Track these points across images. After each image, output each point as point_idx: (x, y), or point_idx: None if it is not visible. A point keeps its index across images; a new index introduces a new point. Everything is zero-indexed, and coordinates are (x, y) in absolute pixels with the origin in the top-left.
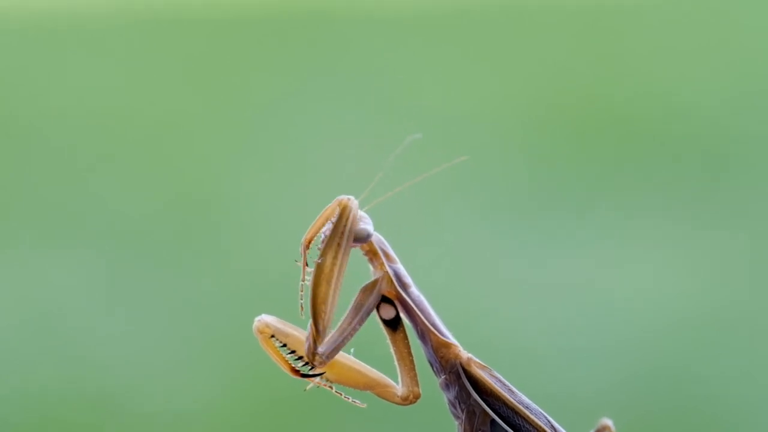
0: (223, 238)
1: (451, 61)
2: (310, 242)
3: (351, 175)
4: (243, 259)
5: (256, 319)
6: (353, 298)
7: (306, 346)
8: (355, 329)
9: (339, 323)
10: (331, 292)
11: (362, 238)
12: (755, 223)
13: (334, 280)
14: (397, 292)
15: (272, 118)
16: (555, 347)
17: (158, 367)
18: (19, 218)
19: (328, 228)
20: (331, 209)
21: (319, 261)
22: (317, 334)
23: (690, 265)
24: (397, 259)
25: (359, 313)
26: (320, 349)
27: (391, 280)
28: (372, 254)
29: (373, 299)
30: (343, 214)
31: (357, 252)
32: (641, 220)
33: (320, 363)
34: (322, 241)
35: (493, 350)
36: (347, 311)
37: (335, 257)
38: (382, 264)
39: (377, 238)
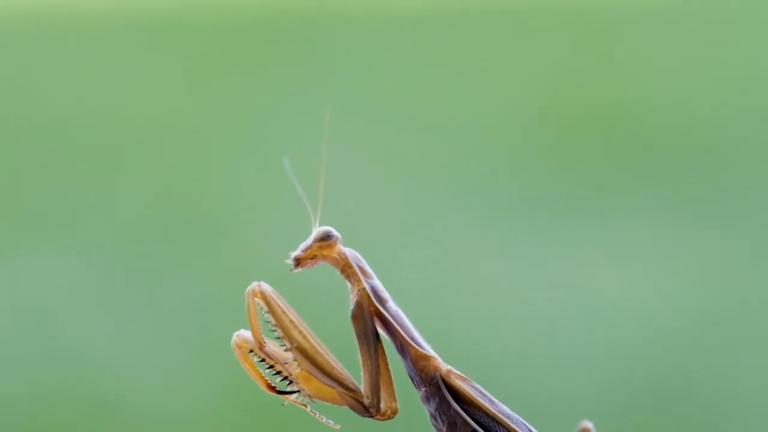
0: (222, 238)
1: (450, 62)
2: (262, 344)
3: (350, 175)
4: (242, 259)
5: (235, 334)
6: (353, 334)
7: (357, 410)
8: (377, 357)
9: (362, 366)
10: (326, 357)
11: (325, 238)
12: (754, 225)
13: (318, 347)
14: (375, 307)
15: (269, 120)
16: (551, 349)
17: (157, 367)
18: (16, 219)
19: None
20: (252, 306)
21: (294, 345)
22: (353, 392)
23: (688, 267)
24: (373, 275)
25: (368, 341)
26: (366, 401)
27: (369, 296)
28: (348, 270)
29: (368, 320)
30: (266, 299)
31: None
32: (639, 221)
33: (382, 413)
34: (277, 335)
35: (489, 352)
36: (359, 350)
37: (300, 331)
38: (359, 281)
39: (353, 254)
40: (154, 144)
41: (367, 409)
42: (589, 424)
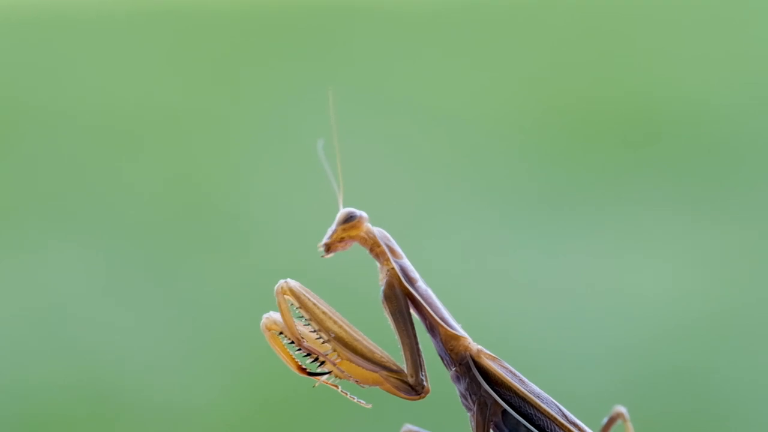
0: (231, 233)
1: (464, 55)
2: (300, 339)
3: (364, 169)
4: (251, 255)
5: (264, 316)
6: (387, 316)
7: (402, 391)
8: (415, 335)
9: (400, 346)
10: (365, 342)
11: (349, 219)
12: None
13: (355, 334)
14: (404, 287)
15: (284, 115)
16: (564, 342)
17: (165, 361)
18: (30, 212)
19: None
20: (283, 304)
21: (332, 336)
22: (397, 374)
23: (705, 261)
24: (402, 254)
25: (404, 319)
26: (411, 380)
27: (398, 276)
28: (377, 249)
29: (401, 299)
30: (295, 294)
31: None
32: (655, 215)
33: (425, 388)
34: (312, 329)
35: (503, 347)
36: (394, 330)
37: (335, 321)
38: (388, 260)
39: (381, 233)
40: (164, 138)
41: (414, 388)
42: (621, 409)
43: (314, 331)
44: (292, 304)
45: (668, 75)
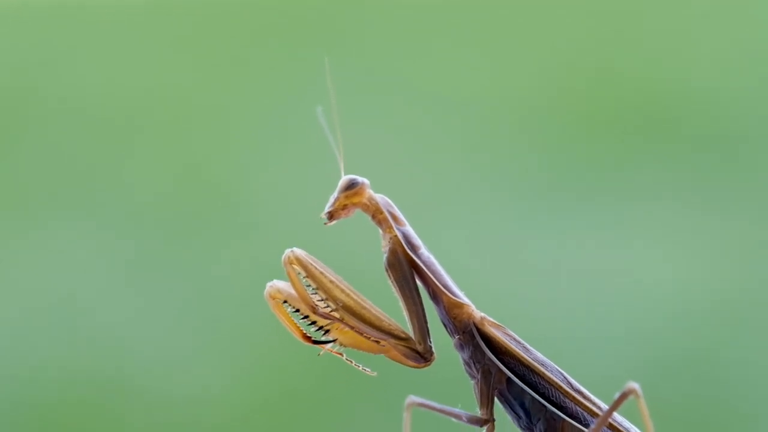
0: (243, 224)
1: (475, 45)
2: (314, 307)
3: (369, 161)
4: (262, 246)
5: (268, 284)
6: (391, 284)
7: (410, 359)
8: (420, 302)
9: (406, 314)
10: (373, 311)
11: (351, 186)
12: None
13: (363, 302)
14: (407, 254)
15: (294, 105)
16: (570, 330)
17: (176, 350)
18: (37, 203)
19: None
20: (292, 273)
21: (339, 306)
22: (405, 341)
23: (709, 251)
24: (405, 221)
25: (409, 286)
26: (419, 347)
27: (401, 243)
28: (379, 215)
29: (405, 266)
30: (302, 264)
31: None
32: (664, 207)
33: (432, 353)
34: (320, 298)
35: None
36: (399, 298)
37: (342, 290)
38: (391, 227)
39: (384, 200)
40: (178, 129)
41: (422, 356)
42: (634, 385)
43: (322, 300)
44: (299, 273)
45: (680, 68)
